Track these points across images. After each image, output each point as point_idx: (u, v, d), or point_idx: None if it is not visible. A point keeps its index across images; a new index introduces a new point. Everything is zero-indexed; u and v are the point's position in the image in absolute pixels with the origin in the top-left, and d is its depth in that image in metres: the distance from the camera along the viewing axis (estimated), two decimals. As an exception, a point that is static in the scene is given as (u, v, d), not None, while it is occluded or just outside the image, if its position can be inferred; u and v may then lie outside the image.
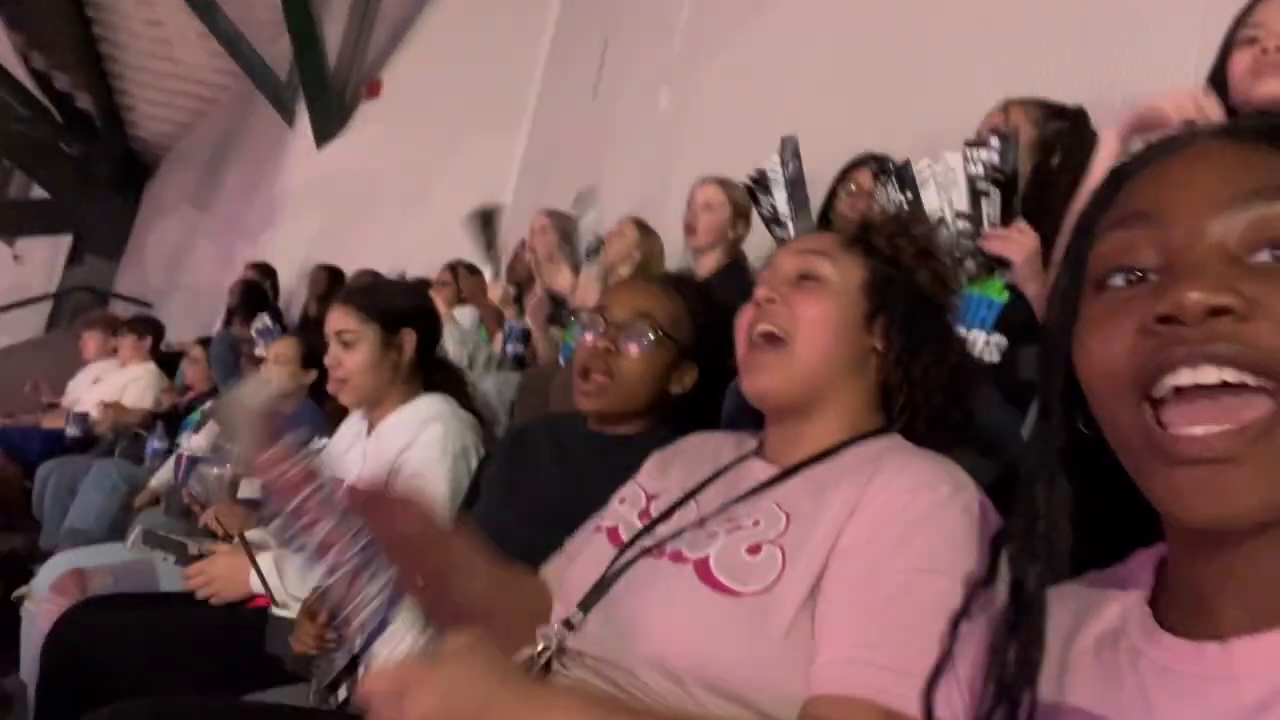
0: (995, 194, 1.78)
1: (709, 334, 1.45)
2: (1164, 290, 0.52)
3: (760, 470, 1.02)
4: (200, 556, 1.92)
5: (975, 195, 1.80)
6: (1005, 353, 1.80)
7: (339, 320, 1.84)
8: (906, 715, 0.73)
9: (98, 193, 10.00)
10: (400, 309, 1.87)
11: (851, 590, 0.83)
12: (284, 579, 1.65)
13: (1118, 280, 0.56)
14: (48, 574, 2.11)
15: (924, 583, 0.80)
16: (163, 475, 3.25)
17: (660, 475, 1.13)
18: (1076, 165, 1.86)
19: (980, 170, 1.78)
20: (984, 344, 1.72)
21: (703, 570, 0.89)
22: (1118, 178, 0.60)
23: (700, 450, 1.14)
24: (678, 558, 0.93)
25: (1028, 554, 0.62)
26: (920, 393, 1.01)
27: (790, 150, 2.14)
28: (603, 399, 1.41)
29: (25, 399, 5.23)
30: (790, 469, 0.98)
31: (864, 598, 0.82)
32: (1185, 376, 0.51)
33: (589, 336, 1.45)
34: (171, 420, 3.92)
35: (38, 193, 10.32)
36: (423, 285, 3.01)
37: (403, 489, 0.90)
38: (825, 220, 2.38)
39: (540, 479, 1.46)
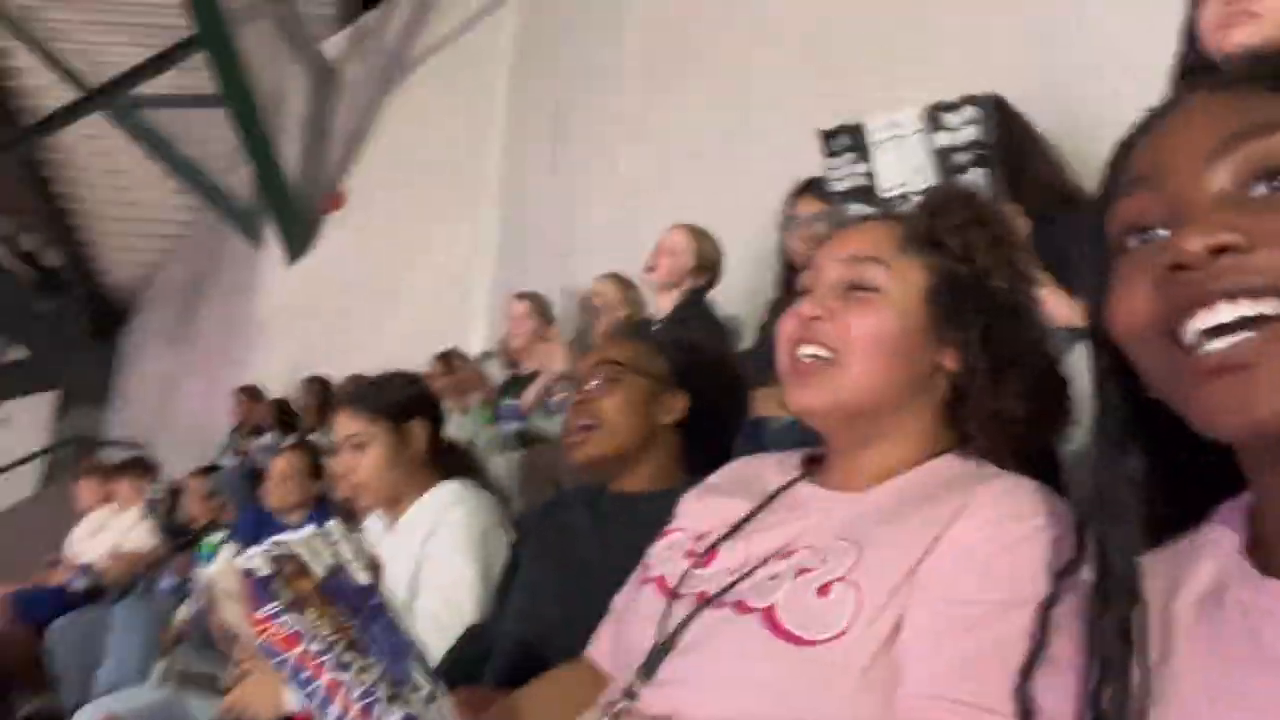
0: (978, 174, 1.56)
1: (684, 358, 1.51)
2: (1171, 242, 0.54)
3: (815, 497, 0.95)
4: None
5: (949, 171, 1.58)
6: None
7: (347, 425, 1.82)
8: None
9: (75, 344, 9.97)
10: (404, 401, 1.86)
11: (930, 623, 0.78)
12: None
13: (1133, 242, 0.58)
14: (80, 727, 2.04)
15: (1003, 616, 0.75)
16: (185, 610, 3.17)
17: (702, 513, 1.05)
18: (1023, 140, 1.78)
19: (951, 141, 1.59)
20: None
21: (769, 619, 0.82)
22: (1124, 150, 0.62)
23: (740, 478, 1.07)
24: (741, 607, 0.85)
25: (1108, 521, 0.62)
26: (1004, 425, 0.89)
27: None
28: (590, 444, 1.45)
29: (27, 561, 5.11)
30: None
31: (942, 631, 0.77)
32: (1202, 318, 0.52)
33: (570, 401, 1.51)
34: (183, 554, 3.84)
35: (13, 354, 10.27)
36: (417, 376, 3.00)
37: None
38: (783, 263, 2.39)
39: (577, 545, 1.44)
